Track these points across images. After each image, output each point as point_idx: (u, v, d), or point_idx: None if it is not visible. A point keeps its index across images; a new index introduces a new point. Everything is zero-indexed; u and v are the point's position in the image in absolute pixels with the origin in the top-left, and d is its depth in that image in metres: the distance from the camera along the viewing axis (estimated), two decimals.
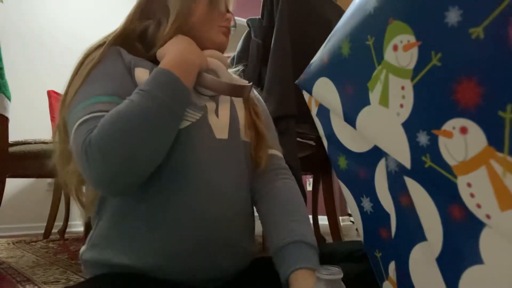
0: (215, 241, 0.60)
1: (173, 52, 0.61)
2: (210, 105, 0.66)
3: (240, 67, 0.83)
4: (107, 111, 0.54)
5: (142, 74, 0.62)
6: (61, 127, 0.62)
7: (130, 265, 0.58)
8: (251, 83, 0.73)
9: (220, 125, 0.66)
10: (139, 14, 0.70)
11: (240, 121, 0.69)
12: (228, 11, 0.75)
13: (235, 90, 0.68)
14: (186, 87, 0.58)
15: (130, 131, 0.52)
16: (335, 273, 0.48)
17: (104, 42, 0.66)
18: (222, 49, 0.73)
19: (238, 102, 0.72)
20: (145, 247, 0.58)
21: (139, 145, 0.53)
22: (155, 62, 0.65)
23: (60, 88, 0.65)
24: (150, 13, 0.71)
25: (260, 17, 1.30)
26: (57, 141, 0.63)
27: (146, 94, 0.54)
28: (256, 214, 0.72)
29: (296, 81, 0.71)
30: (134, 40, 0.69)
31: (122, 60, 0.63)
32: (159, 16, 0.69)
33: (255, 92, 0.81)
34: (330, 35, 0.63)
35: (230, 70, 0.79)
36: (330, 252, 0.68)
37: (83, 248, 0.66)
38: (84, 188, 0.66)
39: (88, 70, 0.60)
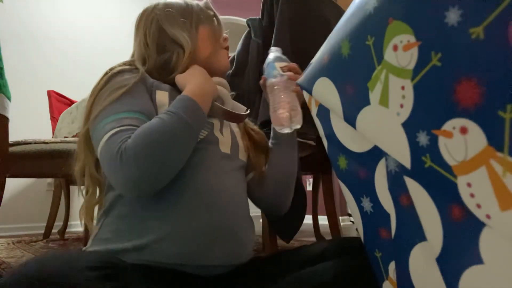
0: (217, 230, 0.65)
1: (194, 83, 0.72)
2: (216, 123, 0.77)
3: (234, 93, 0.95)
4: (135, 125, 0.63)
5: (162, 96, 0.72)
6: (84, 138, 0.69)
7: (130, 247, 0.61)
8: (248, 111, 0.86)
9: (224, 141, 0.76)
10: (156, 50, 0.80)
11: (239, 142, 0.80)
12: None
13: (235, 117, 0.81)
14: (204, 113, 0.69)
15: (161, 143, 0.61)
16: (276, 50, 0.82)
17: (128, 67, 0.74)
18: (227, 70, 0.87)
19: (235, 126, 0.85)
20: (150, 231, 0.62)
21: (167, 155, 0.62)
22: (172, 85, 0.75)
23: (60, 88, 0.66)
24: (164, 47, 0.80)
25: (260, 17, 1.30)
26: (81, 152, 0.70)
27: (175, 115, 0.64)
28: (256, 213, 0.74)
29: (296, 81, 0.71)
30: (154, 70, 0.78)
31: (145, 84, 0.73)
32: (174, 49, 0.79)
33: None
34: (330, 35, 0.63)
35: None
36: (324, 249, 0.68)
37: (86, 246, 0.67)
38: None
39: (118, 95, 0.67)
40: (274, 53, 0.83)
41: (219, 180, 0.69)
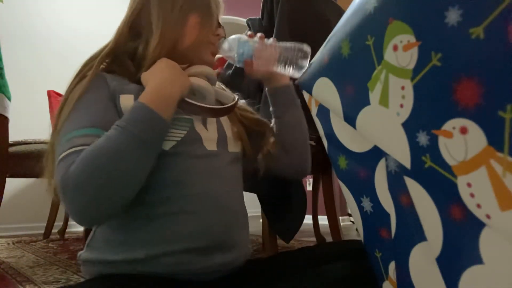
0: (212, 236, 0.62)
1: (154, 83, 0.62)
2: (197, 117, 0.68)
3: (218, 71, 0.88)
4: (87, 144, 0.56)
5: (127, 101, 0.63)
6: (51, 151, 0.63)
7: (124, 260, 0.60)
8: (236, 99, 0.75)
9: (209, 137, 0.68)
10: (127, 31, 0.71)
11: (227, 134, 0.72)
12: (218, 24, 0.76)
13: (216, 113, 0.70)
14: (164, 121, 0.59)
15: (105, 168, 0.54)
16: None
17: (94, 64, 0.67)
18: (207, 63, 0.75)
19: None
20: (142, 243, 0.60)
21: (114, 180, 0.55)
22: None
23: (60, 88, 0.66)
24: (139, 30, 0.71)
25: (260, 17, 1.30)
26: (49, 165, 0.65)
27: (122, 130, 0.56)
28: (256, 213, 0.73)
29: (296, 81, 0.71)
30: (125, 58, 0.70)
31: (107, 88, 0.64)
32: (147, 35, 0.70)
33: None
34: (330, 35, 0.63)
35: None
36: (326, 251, 0.68)
37: (81, 252, 0.67)
38: None
39: (74, 101, 0.62)
40: (228, 43, 0.75)
41: (209, 183, 0.64)
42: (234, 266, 0.66)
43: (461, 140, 0.40)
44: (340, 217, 2.09)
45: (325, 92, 0.61)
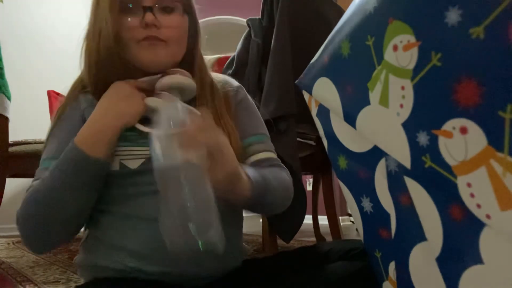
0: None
1: (91, 116, 0.60)
2: None
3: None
4: None
5: None
6: None
7: (114, 268, 0.59)
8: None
9: None
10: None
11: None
12: (149, 7, 0.61)
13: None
14: (90, 159, 0.57)
15: (38, 211, 0.59)
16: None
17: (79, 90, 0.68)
18: (153, 67, 0.62)
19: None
20: (127, 252, 0.59)
21: (51, 220, 0.59)
22: None
23: (60, 88, 0.66)
24: None
25: (260, 17, 1.30)
26: None
27: (51, 173, 0.58)
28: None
29: (296, 81, 0.71)
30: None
31: (79, 110, 0.65)
32: None
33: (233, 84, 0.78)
34: (330, 35, 0.63)
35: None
36: (326, 251, 0.68)
37: (77, 256, 0.67)
38: None
39: (50, 130, 0.66)
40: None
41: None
42: (227, 267, 0.64)
43: (461, 140, 0.40)
44: (340, 217, 2.10)
45: (325, 92, 0.61)
